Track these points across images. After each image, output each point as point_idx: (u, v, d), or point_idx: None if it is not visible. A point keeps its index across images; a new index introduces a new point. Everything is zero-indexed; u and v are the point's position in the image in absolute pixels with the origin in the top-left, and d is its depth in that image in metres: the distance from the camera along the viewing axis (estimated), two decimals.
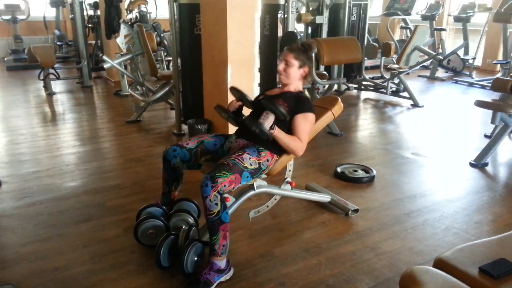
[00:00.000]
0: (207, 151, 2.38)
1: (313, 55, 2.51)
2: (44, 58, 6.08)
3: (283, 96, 2.34)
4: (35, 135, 4.48)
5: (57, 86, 6.81)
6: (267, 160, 2.25)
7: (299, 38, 5.35)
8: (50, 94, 6.28)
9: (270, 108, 2.16)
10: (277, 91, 2.48)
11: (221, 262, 2.09)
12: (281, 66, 2.39)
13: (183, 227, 2.34)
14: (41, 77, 6.29)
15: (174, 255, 2.17)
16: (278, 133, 2.19)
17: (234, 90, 2.40)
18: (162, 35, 7.13)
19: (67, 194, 3.09)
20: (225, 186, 2.02)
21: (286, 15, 4.46)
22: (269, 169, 2.32)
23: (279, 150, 2.31)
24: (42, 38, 9.18)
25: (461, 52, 7.80)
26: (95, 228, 2.63)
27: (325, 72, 5.34)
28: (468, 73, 7.61)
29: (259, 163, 2.20)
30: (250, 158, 2.16)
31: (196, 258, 2.13)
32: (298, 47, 2.40)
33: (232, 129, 2.52)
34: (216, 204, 1.98)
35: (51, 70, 6.27)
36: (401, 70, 5.99)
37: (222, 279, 2.09)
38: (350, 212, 2.77)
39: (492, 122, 3.72)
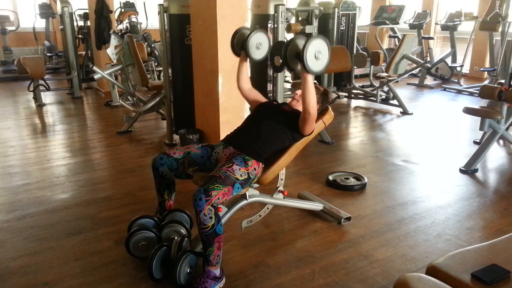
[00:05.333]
0: (194, 162, 2.39)
1: (330, 101, 2.64)
2: (34, 69, 6.04)
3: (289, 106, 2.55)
4: (25, 147, 4.43)
5: (47, 97, 6.76)
6: (255, 169, 2.26)
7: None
8: (40, 105, 6.24)
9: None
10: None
11: (217, 271, 2.10)
12: (299, 92, 2.47)
13: (176, 238, 2.33)
14: (31, 89, 6.24)
15: (167, 266, 2.15)
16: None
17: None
18: (152, 45, 7.14)
19: (58, 207, 3.06)
20: (218, 199, 2.02)
21: (275, 25, 4.50)
22: (257, 177, 2.33)
23: (265, 158, 2.34)
24: (32, 49, 9.13)
25: (449, 60, 7.91)
26: (86, 240, 2.60)
27: (315, 81, 5.37)
28: (456, 80, 7.71)
29: (248, 173, 2.21)
30: (239, 169, 2.17)
31: (188, 270, 2.12)
32: (321, 88, 2.57)
33: (222, 137, 2.53)
34: (211, 217, 1.97)
35: (41, 81, 6.24)
36: (390, 78, 6.05)
37: (217, 287, 2.10)
38: (342, 220, 2.78)
39: (481, 128, 3.77)
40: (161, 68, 6.02)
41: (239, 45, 2.53)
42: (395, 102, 6.09)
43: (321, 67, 2.11)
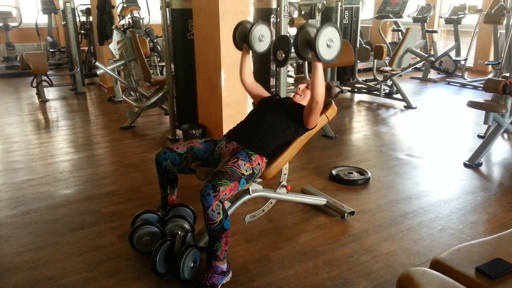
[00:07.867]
0: (197, 157, 2.39)
1: (333, 96, 2.64)
2: (37, 65, 6.05)
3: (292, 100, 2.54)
4: (29, 142, 4.45)
5: (50, 93, 6.78)
6: (258, 164, 2.26)
7: (291, 42, 5.38)
8: (43, 101, 6.25)
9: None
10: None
11: (224, 265, 2.11)
12: (301, 86, 2.51)
13: (179, 233, 2.33)
14: (34, 84, 6.25)
15: (170, 261, 2.16)
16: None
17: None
18: (155, 40, 7.12)
19: (62, 202, 3.07)
20: (226, 194, 2.02)
21: (278, 19, 4.47)
22: (261, 172, 2.33)
23: (268, 153, 2.34)
24: (34, 45, 9.13)
25: (452, 54, 7.86)
26: (90, 235, 2.61)
27: None
28: (460, 74, 7.67)
29: (252, 168, 2.21)
30: (244, 164, 2.17)
31: (192, 264, 2.12)
32: (325, 83, 2.54)
33: (225, 132, 2.53)
34: (219, 213, 1.97)
35: (44, 77, 6.24)
36: (394, 72, 6.02)
37: (224, 281, 2.11)
38: (346, 214, 2.78)
39: (485, 122, 3.74)
40: (164, 63, 6.01)
41: (241, 38, 2.53)
42: (398, 96, 6.06)
43: (333, 55, 2.09)
